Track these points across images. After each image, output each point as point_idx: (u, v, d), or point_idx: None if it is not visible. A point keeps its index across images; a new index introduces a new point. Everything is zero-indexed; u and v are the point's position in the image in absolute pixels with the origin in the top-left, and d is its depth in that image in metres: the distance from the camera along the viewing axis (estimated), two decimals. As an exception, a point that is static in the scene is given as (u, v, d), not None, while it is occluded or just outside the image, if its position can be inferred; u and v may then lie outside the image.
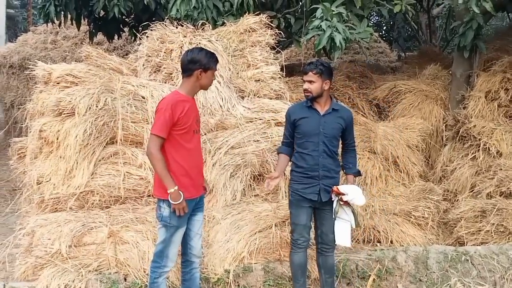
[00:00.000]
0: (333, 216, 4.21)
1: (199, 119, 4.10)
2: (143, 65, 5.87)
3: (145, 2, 7.80)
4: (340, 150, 4.47)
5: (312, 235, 4.53)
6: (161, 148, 3.78)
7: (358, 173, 4.51)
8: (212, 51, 4.14)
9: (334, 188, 4.17)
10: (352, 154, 4.47)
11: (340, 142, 4.43)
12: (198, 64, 3.87)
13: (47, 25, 10.49)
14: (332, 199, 4.22)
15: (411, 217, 5.88)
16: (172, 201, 3.78)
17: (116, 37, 10.21)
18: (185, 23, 6.18)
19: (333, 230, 4.27)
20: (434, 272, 5.04)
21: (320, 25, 5.82)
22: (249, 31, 6.16)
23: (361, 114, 7.42)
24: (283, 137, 4.54)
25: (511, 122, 6.78)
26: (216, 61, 4.02)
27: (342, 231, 4.22)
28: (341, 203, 4.17)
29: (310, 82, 4.21)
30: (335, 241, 4.29)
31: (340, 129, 4.29)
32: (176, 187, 3.77)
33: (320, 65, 4.20)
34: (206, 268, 4.61)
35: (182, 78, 4.00)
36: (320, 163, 4.23)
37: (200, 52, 3.95)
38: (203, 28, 6.13)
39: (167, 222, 3.86)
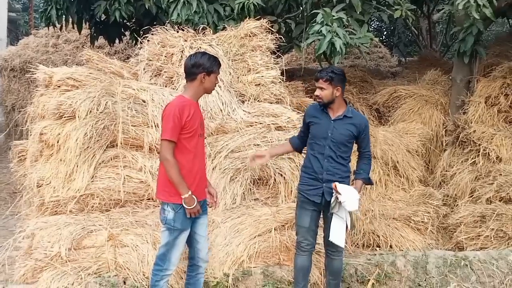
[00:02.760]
0: (330, 211, 4.19)
1: (203, 122, 4.13)
2: (144, 69, 5.89)
3: (147, 7, 7.81)
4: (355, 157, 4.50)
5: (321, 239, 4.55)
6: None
7: (368, 180, 4.49)
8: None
9: (333, 184, 4.14)
10: (365, 162, 4.46)
11: (357, 149, 4.45)
12: (201, 68, 3.91)
13: (48, 29, 10.50)
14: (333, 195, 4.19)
15: (410, 222, 5.89)
16: (187, 206, 3.82)
17: (117, 41, 10.21)
18: (186, 27, 6.20)
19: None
20: (434, 277, 5.04)
21: (321, 30, 5.84)
22: (250, 36, 6.17)
23: (361, 119, 7.43)
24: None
25: (511, 128, 6.78)
26: (219, 64, 4.06)
27: (337, 228, 4.17)
28: (338, 200, 4.13)
29: (321, 88, 4.25)
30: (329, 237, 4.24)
31: (351, 136, 4.29)
32: (189, 192, 3.81)
33: (330, 72, 4.22)
34: (205, 272, 4.61)
35: (186, 82, 4.04)
36: (324, 166, 4.25)
37: (203, 56, 3.99)
38: (204, 32, 6.15)
39: (171, 225, 3.88)
